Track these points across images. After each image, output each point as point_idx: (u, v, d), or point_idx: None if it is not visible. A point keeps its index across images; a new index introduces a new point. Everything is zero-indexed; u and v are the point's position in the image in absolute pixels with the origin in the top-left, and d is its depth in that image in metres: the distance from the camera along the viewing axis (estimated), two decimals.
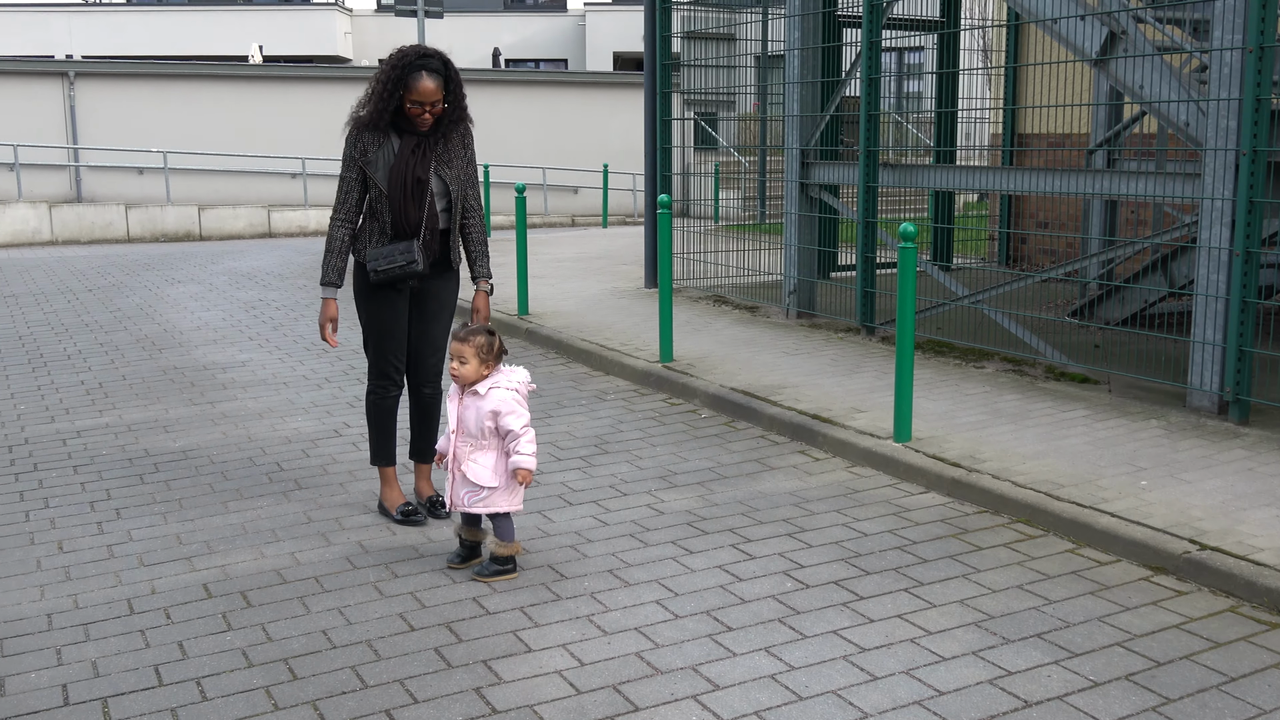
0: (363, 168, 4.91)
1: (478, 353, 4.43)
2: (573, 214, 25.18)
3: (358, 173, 4.94)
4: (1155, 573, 4.49)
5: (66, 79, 22.49)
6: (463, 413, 4.46)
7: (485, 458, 4.45)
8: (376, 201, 4.93)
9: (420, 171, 4.88)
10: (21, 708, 3.50)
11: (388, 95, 4.82)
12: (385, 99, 4.83)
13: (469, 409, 4.45)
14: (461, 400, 4.47)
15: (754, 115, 20.66)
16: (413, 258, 4.88)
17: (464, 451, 4.46)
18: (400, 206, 4.89)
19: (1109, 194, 7.34)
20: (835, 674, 3.67)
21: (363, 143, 4.91)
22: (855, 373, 7.62)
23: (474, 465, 4.44)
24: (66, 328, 10.49)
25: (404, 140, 4.90)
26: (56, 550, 4.84)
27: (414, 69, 4.78)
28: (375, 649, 3.88)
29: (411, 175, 4.87)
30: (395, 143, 4.91)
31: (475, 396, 4.45)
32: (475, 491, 4.45)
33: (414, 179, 4.87)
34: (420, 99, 4.79)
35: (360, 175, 4.94)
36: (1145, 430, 6.16)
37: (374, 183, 4.90)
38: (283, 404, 7.42)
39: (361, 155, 4.91)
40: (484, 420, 4.42)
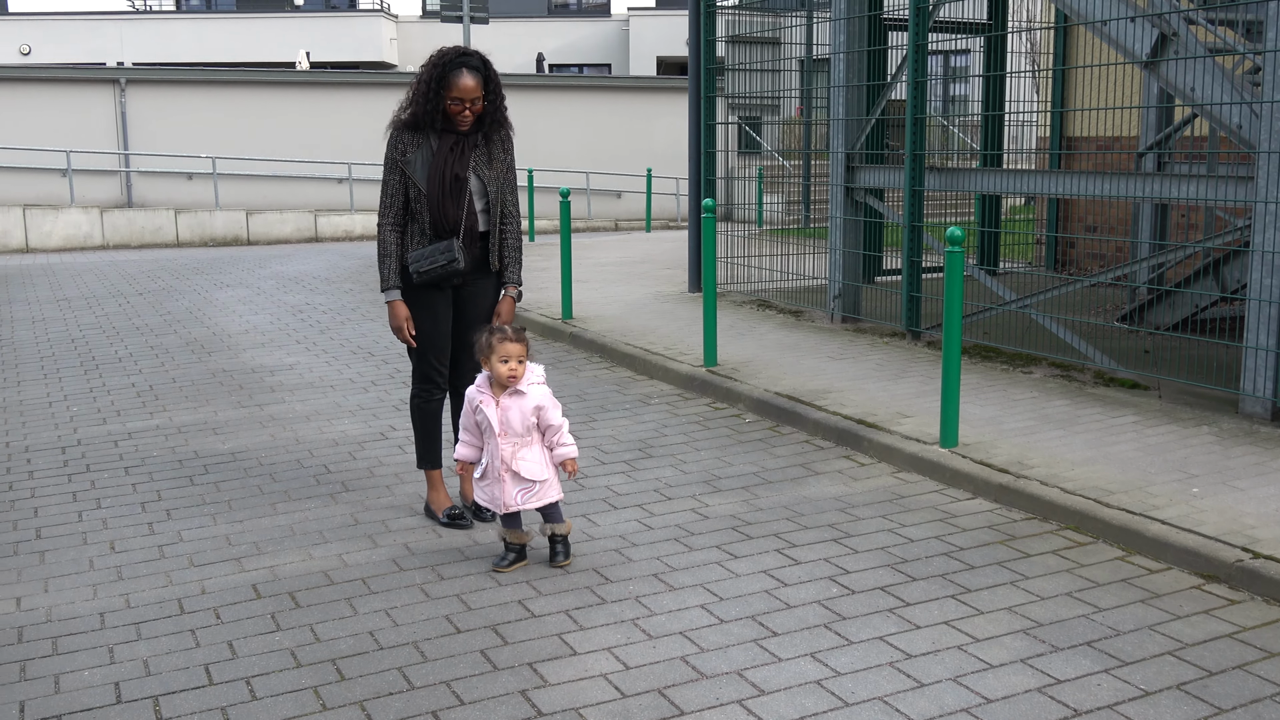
0: (402, 168, 4.96)
1: (526, 351, 4.52)
2: (616, 218, 25.23)
3: (399, 175, 4.99)
4: (1207, 581, 4.43)
5: (118, 86, 22.82)
6: (504, 414, 4.50)
7: (531, 453, 4.53)
8: (415, 202, 4.97)
9: (459, 169, 4.93)
10: (75, 705, 3.55)
11: (430, 94, 4.88)
12: (427, 98, 4.89)
13: (511, 409, 4.50)
14: (500, 402, 4.51)
15: (798, 119, 20.61)
16: (453, 256, 4.91)
17: (510, 451, 4.51)
18: (439, 204, 4.93)
19: (1159, 198, 7.25)
20: (882, 680, 3.65)
21: (402, 144, 4.97)
22: (901, 378, 7.58)
23: (524, 462, 4.51)
24: (118, 331, 10.64)
25: (443, 140, 4.95)
26: (109, 550, 4.91)
27: (454, 67, 4.85)
28: (422, 650, 3.91)
29: (450, 172, 4.92)
30: (434, 143, 4.96)
31: (518, 396, 4.51)
32: (528, 489, 4.52)
33: (452, 176, 4.92)
34: (461, 95, 4.85)
35: (402, 177, 4.98)
36: (1196, 437, 6.08)
37: (413, 182, 4.95)
38: (330, 407, 7.48)
39: (401, 156, 4.97)
40: (528, 417, 4.50)
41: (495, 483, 4.54)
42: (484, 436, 4.58)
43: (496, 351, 4.49)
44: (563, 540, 4.67)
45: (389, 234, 5.01)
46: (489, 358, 4.52)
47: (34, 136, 22.04)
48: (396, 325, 5.04)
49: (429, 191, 4.93)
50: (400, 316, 5.02)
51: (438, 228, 4.96)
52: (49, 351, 9.63)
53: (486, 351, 4.53)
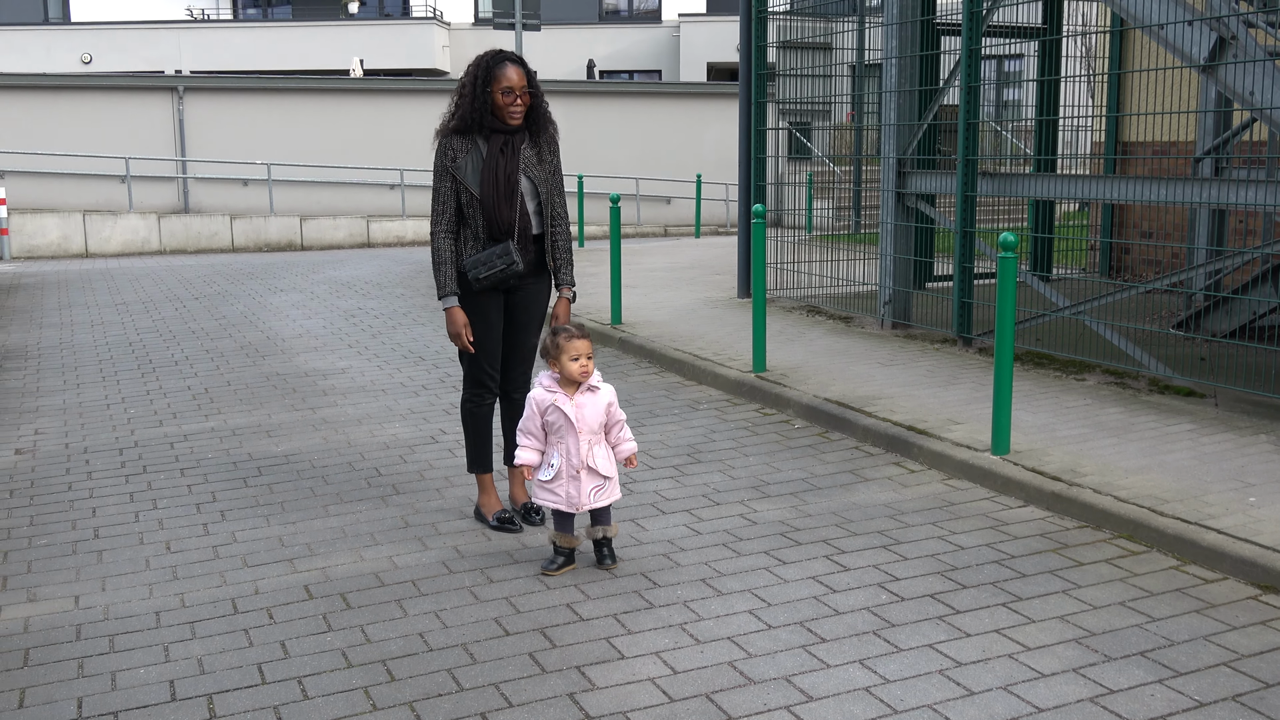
0: (453, 174, 4.98)
1: (590, 348, 4.59)
2: (665, 224, 25.24)
3: (450, 181, 5.00)
4: (1264, 591, 4.36)
5: (176, 93, 23.17)
6: (580, 411, 4.55)
7: (603, 449, 4.63)
8: (468, 206, 4.98)
9: (510, 170, 4.94)
10: (131, 702, 3.61)
11: (477, 93, 4.92)
12: (474, 98, 4.93)
13: (586, 406, 4.57)
14: (575, 399, 4.56)
15: (849, 124, 20.53)
16: (513, 259, 4.93)
17: (587, 449, 4.57)
18: (493, 206, 4.94)
19: (1216, 203, 7.16)
20: (931, 688, 3.63)
21: (451, 150, 4.99)
22: (952, 384, 7.52)
23: (600, 459, 4.60)
24: (174, 334, 10.80)
25: (491, 142, 4.97)
26: (164, 550, 4.99)
27: (498, 61, 4.93)
28: (471, 652, 3.93)
29: (502, 174, 4.93)
30: (483, 147, 4.98)
31: (591, 393, 4.60)
32: (601, 485, 4.60)
33: (505, 177, 4.93)
34: (510, 85, 4.89)
35: (453, 183, 4.99)
36: (1254, 445, 5.99)
37: (465, 187, 4.96)
38: (381, 410, 7.55)
39: (451, 162, 4.98)
40: (601, 414, 4.60)
41: (570, 481, 4.56)
42: (554, 437, 4.60)
43: (565, 350, 4.54)
44: (609, 544, 4.71)
45: (443, 241, 5.02)
46: (558, 358, 4.56)
47: (94, 144, 22.44)
48: (455, 331, 5.03)
49: (482, 195, 4.93)
50: (459, 323, 5.01)
51: (492, 230, 4.97)
52: (107, 355, 9.80)
53: (555, 352, 4.57)
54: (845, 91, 16.48)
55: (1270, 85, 6.69)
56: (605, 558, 4.69)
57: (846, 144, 21.38)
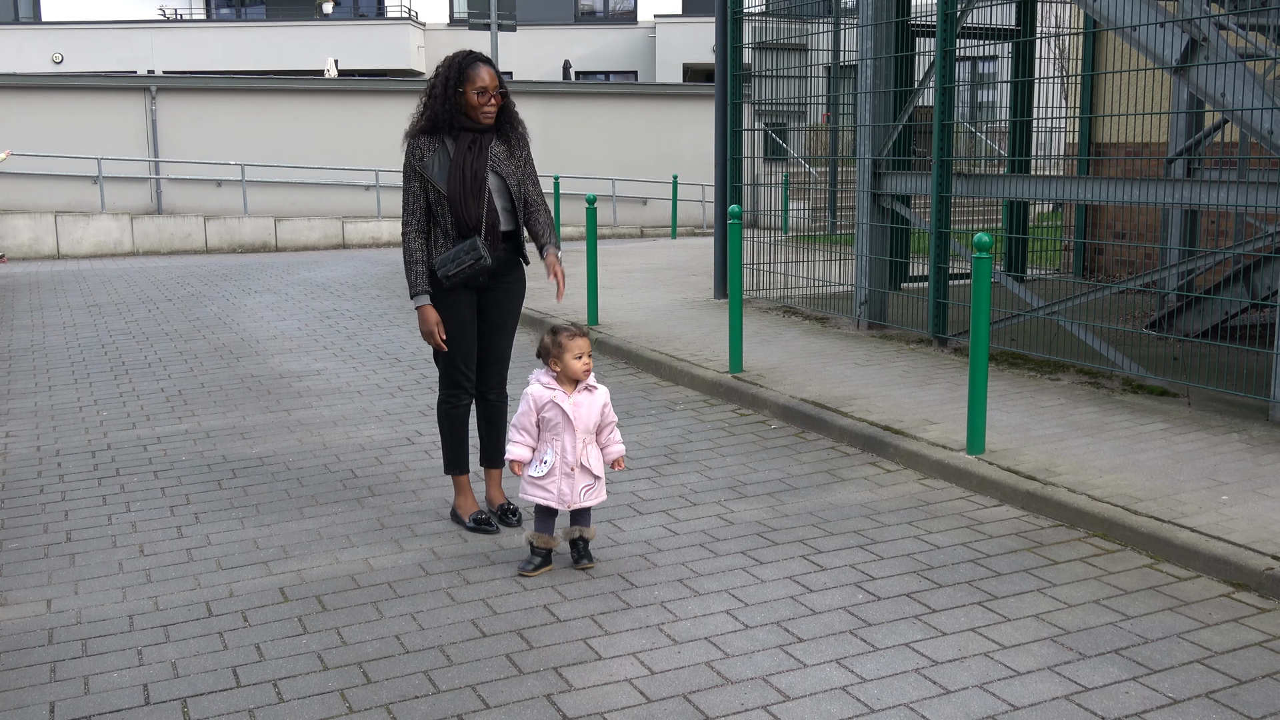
0: (420, 173, 4.98)
1: (590, 346, 4.66)
2: (641, 225, 25.25)
3: (419, 181, 5.00)
4: (1236, 589, 4.39)
5: (148, 94, 23.02)
6: (577, 410, 4.59)
7: (594, 449, 4.67)
8: (436, 204, 4.98)
9: (477, 167, 4.95)
10: (104, 706, 3.58)
11: (449, 93, 4.91)
12: (445, 96, 4.92)
13: (583, 405, 4.61)
14: (574, 397, 4.60)
15: (825, 125, 20.59)
16: (480, 254, 4.91)
17: (582, 447, 4.61)
18: (460, 202, 4.93)
19: (1188, 204, 7.21)
20: (907, 687, 3.64)
21: (419, 150, 5.00)
22: (927, 384, 7.55)
23: (593, 459, 4.66)
24: (147, 336, 10.73)
25: (459, 140, 4.97)
26: (138, 553, 4.95)
27: (470, 62, 4.93)
28: (447, 654, 3.92)
29: (469, 170, 4.93)
30: (450, 146, 4.99)
31: (588, 392, 4.64)
32: (591, 485, 4.65)
33: (471, 174, 4.93)
34: (485, 85, 4.91)
35: (421, 182, 4.99)
36: (1226, 444, 6.04)
37: (433, 185, 4.96)
38: (356, 412, 7.52)
39: (419, 162, 4.99)
40: (596, 414, 4.65)
41: (564, 478, 4.58)
42: (549, 434, 4.61)
43: (568, 349, 4.57)
44: (586, 544, 4.72)
45: (414, 240, 5.02)
46: (560, 356, 4.58)
47: (66, 144, 22.26)
48: (428, 330, 5.02)
49: (450, 192, 4.94)
50: (431, 321, 5.01)
51: (460, 227, 4.97)
52: (79, 356, 9.72)
53: (556, 350, 4.59)
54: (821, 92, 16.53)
55: (1241, 87, 6.75)
56: (582, 557, 4.69)
57: (822, 145, 21.44)
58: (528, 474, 4.63)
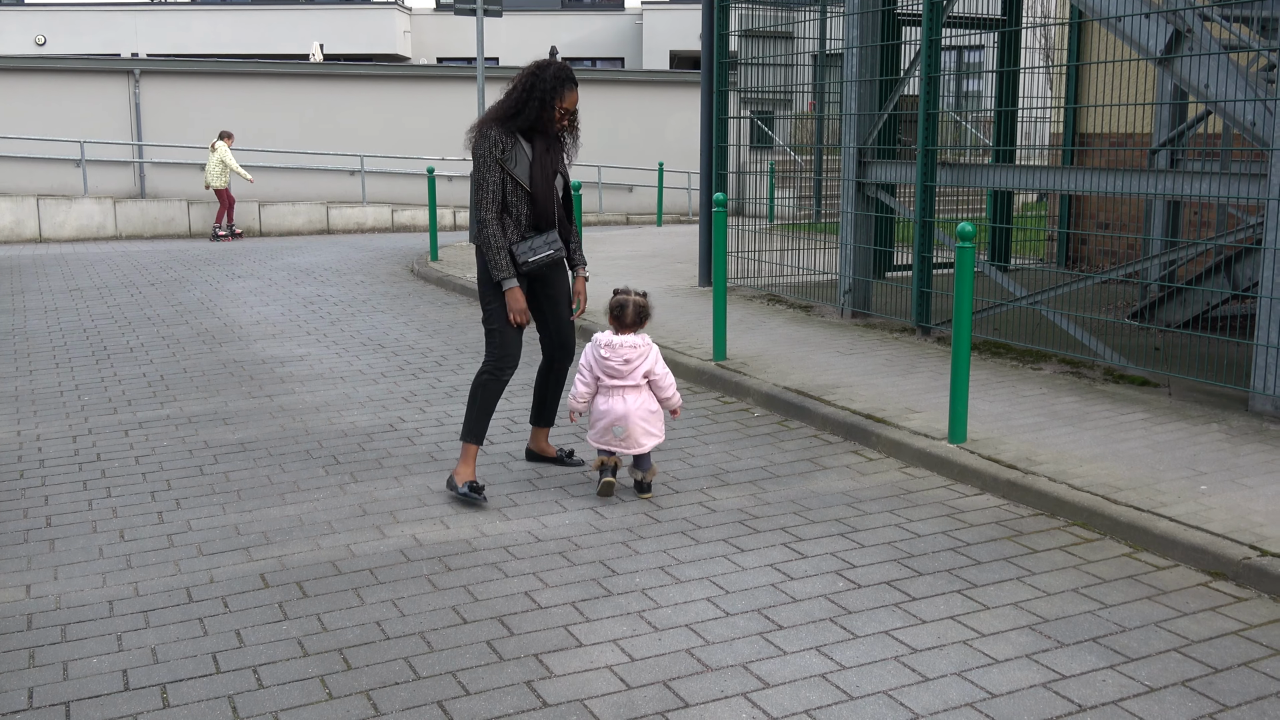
0: (502, 165, 5.34)
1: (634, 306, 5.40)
2: (627, 212, 25.22)
3: (499, 172, 5.35)
4: (1214, 578, 4.42)
5: (132, 77, 22.87)
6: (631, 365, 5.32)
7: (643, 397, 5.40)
8: (512, 195, 5.38)
9: (557, 166, 5.49)
10: (83, 692, 3.57)
11: (545, 102, 5.34)
12: (543, 105, 5.35)
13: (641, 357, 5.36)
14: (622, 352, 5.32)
15: (810, 114, 20.58)
16: (560, 246, 5.51)
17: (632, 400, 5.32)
18: (544, 198, 5.42)
19: (1172, 195, 7.23)
20: (886, 674, 3.65)
21: (499, 142, 5.35)
22: (910, 373, 7.57)
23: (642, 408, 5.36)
24: (129, 321, 10.68)
25: (536, 142, 5.42)
26: (118, 539, 4.93)
27: (569, 82, 5.40)
28: (428, 641, 3.92)
29: (550, 170, 5.44)
30: (526, 145, 5.40)
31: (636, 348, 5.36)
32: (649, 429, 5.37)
33: (551, 172, 5.46)
34: (569, 106, 5.43)
35: (502, 174, 5.35)
36: (1206, 434, 6.07)
37: (515, 179, 5.36)
38: (339, 398, 7.50)
39: (500, 153, 5.35)
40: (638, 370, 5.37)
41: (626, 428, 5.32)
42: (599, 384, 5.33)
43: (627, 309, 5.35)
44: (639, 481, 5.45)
45: (497, 227, 5.37)
46: None
47: (48, 127, 22.11)
48: (520, 309, 5.40)
49: (534, 189, 5.38)
50: (523, 302, 5.42)
51: (537, 220, 5.44)
52: (61, 341, 9.68)
53: None
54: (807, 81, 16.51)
55: (1224, 78, 6.77)
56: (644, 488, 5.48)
57: (808, 133, 21.43)
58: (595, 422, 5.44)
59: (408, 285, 13.39)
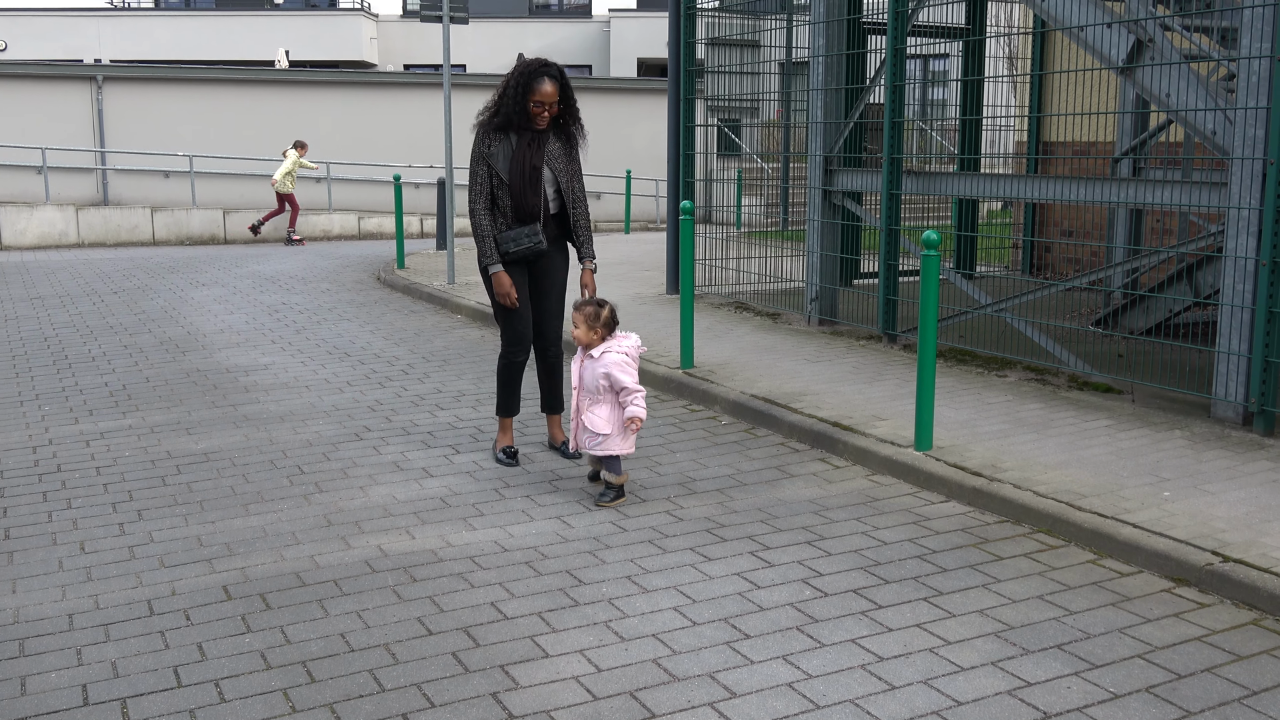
0: (488, 161, 5.82)
1: (586, 320, 5.37)
2: (595, 220, 25.21)
3: (486, 166, 5.86)
4: (1177, 584, 4.45)
5: (94, 83, 22.67)
6: (582, 372, 5.39)
7: (601, 409, 5.36)
8: (498, 189, 5.85)
9: (535, 161, 5.83)
10: (42, 707, 3.52)
11: (517, 97, 5.75)
12: (515, 99, 5.76)
13: (587, 369, 5.37)
14: (582, 361, 5.39)
15: (777, 122, 20.65)
16: (539, 238, 5.90)
17: (584, 404, 5.39)
18: (520, 192, 5.83)
19: (1134, 203, 7.30)
20: (853, 683, 3.65)
21: (488, 140, 5.86)
22: (876, 380, 7.59)
23: (592, 416, 5.37)
24: (91, 329, 10.57)
25: (522, 136, 5.85)
26: (78, 551, 4.87)
27: (538, 75, 5.77)
28: (393, 652, 3.89)
29: (529, 165, 5.82)
30: (513, 140, 5.85)
31: (591, 359, 5.36)
32: (594, 437, 5.36)
33: (530, 168, 5.82)
34: (541, 99, 5.76)
35: (488, 169, 5.84)
36: (1169, 441, 6.12)
37: (496, 173, 5.83)
38: (304, 408, 7.45)
39: (487, 150, 5.84)
40: (598, 379, 5.33)
41: (578, 426, 5.44)
42: None
43: (572, 316, 5.42)
44: (611, 487, 5.42)
45: (484, 217, 5.90)
46: None
47: (9, 133, 21.89)
48: (504, 291, 5.88)
49: (511, 181, 5.81)
50: (506, 284, 5.88)
51: (519, 212, 5.86)
52: (21, 350, 9.56)
53: None
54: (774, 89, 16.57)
55: (1185, 88, 6.83)
56: (605, 494, 5.44)
57: (775, 141, 21.50)
58: None
59: (374, 293, 13.32)
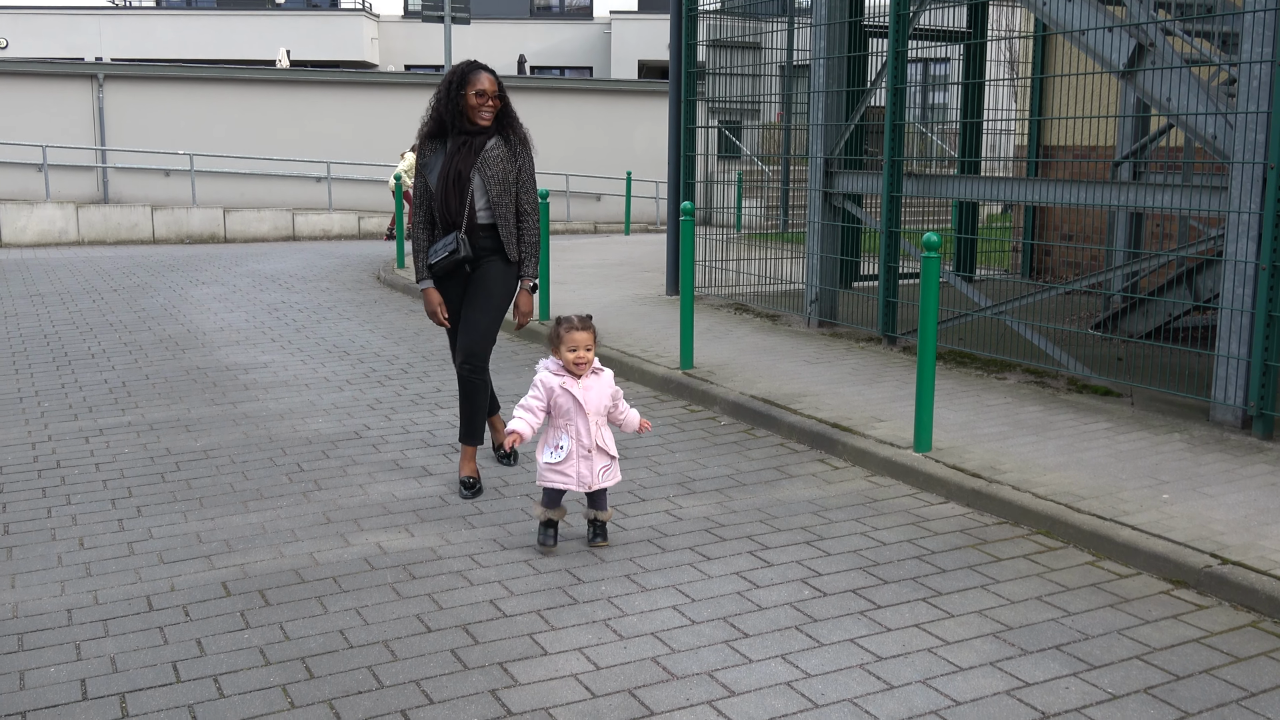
0: (422, 171, 5.52)
1: (594, 337, 4.79)
2: (595, 221, 25.22)
3: (422, 178, 5.54)
4: (1176, 586, 4.46)
5: (95, 81, 22.68)
6: (586, 394, 4.75)
7: (607, 431, 4.85)
8: (431, 200, 5.52)
9: (462, 166, 5.42)
10: (40, 701, 3.52)
11: (451, 94, 5.41)
12: (449, 100, 5.42)
13: (593, 389, 4.78)
14: (583, 382, 4.77)
15: (778, 124, 20.66)
16: (455, 247, 5.45)
17: (596, 429, 4.78)
18: (442, 199, 5.45)
19: (1134, 206, 7.30)
20: (852, 682, 3.66)
21: (426, 151, 5.55)
22: (876, 382, 7.60)
23: (604, 435, 4.82)
24: (91, 327, 10.57)
25: (455, 141, 5.47)
26: (77, 546, 4.87)
27: (473, 69, 5.46)
28: (392, 649, 3.89)
29: (453, 169, 5.43)
30: (447, 146, 5.50)
31: (596, 376, 4.82)
32: (608, 465, 4.82)
33: (455, 172, 5.42)
34: (483, 89, 5.40)
35: (424, 180, 5.53)
36: (1168, 444, 6.12)
37: (429, 184, 5.50)
38: (304, 405, 7.45)
39: (423, 161, 5.54)
40: (606, 396, 4.82)
41: (582, 461, 4.74)
42: (562, 420, 4.76)
43: (564, 342, 4.74)
44: (603, 525, 4.91)
45: (420, 232, 5.59)
46: (558, 347, 4.75)
47: (10, 131, 21.89)
48: (431, 310, 5.59)
49: (436, 189, 5.46)
50: (434, 302, 5.59)
51: (444, 219, 5.50)
52: (21, 347, 9.56)
53: (555, 341, 4.77)
54: (774, 91, 16.59)
55: (1186, 92, 6.84)
56: (597, 535, 4.88)
57: (775, 143, 21.51)
58: (544, 460, 4.77)
59: (374, 292, 13.33)
